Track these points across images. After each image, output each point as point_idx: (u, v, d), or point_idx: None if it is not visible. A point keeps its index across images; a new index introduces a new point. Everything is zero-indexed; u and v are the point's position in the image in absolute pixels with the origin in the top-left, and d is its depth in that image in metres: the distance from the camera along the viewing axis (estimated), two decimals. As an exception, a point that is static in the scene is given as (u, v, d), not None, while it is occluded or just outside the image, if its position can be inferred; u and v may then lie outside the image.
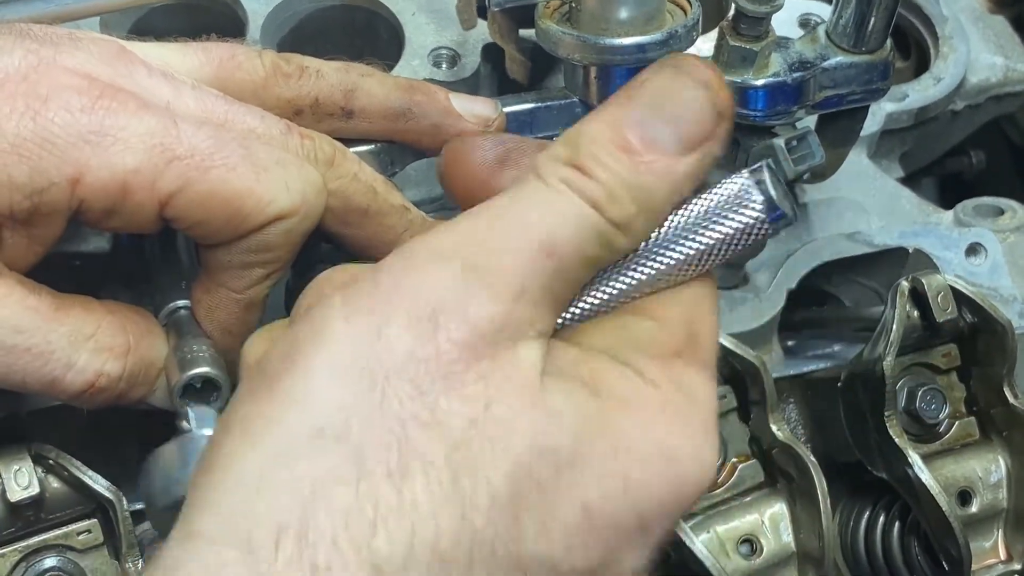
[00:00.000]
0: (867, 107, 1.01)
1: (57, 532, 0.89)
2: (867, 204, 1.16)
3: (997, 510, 1.01)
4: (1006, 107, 1.33)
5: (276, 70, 0.83)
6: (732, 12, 0.93)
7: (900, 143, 1.25)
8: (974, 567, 0.98)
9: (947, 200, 1.22)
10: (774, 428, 0.96)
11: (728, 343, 0.96)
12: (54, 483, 0.87)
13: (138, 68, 0.76)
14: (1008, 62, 1.29)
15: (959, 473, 1.01)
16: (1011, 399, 0.99)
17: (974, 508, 1.00)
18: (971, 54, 1.27)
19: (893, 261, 1.10)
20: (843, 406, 1.03)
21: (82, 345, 0.75)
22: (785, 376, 1.07)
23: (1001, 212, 1.15)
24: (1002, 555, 1.01)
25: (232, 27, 1.11)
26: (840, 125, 1.02)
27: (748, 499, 0.99)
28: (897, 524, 1.05)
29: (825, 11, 1.17)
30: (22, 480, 0.84)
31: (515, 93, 0.94)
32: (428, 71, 1.07)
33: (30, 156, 0.69)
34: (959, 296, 0.99)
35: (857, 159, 1.18)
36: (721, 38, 0.94)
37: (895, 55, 0.99)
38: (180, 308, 0.82)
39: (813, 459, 0.95)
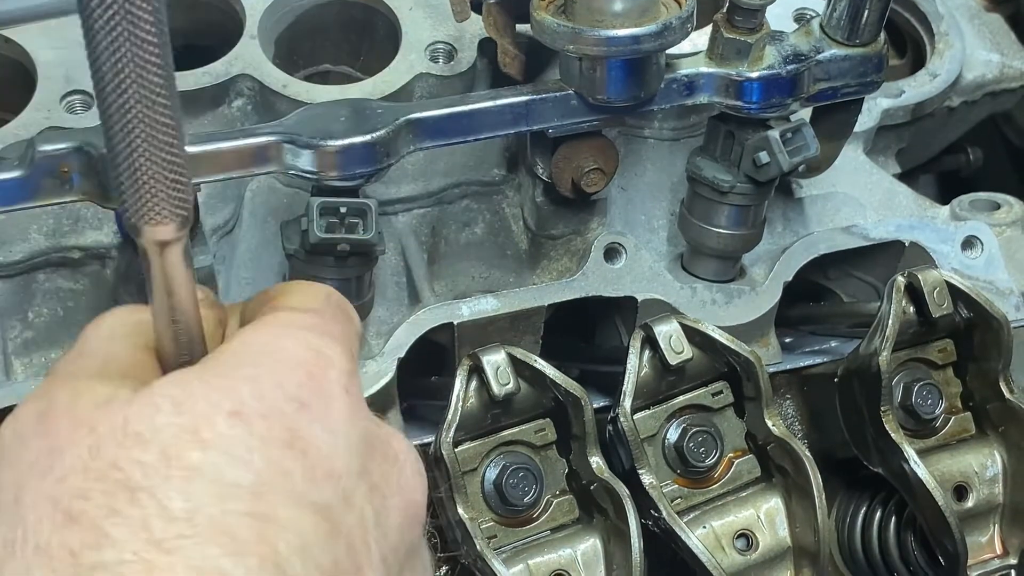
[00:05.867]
0: (861, 100, 1.01)
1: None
2: (864, 199, 1.16)
3: (993, 505, 1.01)
4: (1002, 104, 1.33)
5: None
6: (727, 5, 0.93)
7: (896, 139, 1.25)
8: (970, 562, 0.98)
9: (945, 197, 1.21)
10: (770, 423, 0.96)
11: (723, 339, 0.96)
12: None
13: None
14: (1004, 59, 1.29)
15: (955, 468, 1.01)
16: (1007, 394, 0.99)
17: (970, 503, 1.00)
18: (967, 51, 1.27)
19: (889, 255, 1.10)
20: (839, 401, 1.03)
21: None
22: (781, 371, 1.07)
23: (997, 207, 1.15)
24: (998, 549, 1.01)
25: (230, 23, 1.11)
26: (834, 117, 1.02)
27: (744, 494, 0.99)
28: (893, 519, 1.05)
29: (819, 5, 1.16)
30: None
31: (511, 85, 0.94)
32: (425, 66, 1.07)
33: None
34: (955, 291, 0.99)
35: (854, 155, 1.18)
36: (716, 31, 0.94)
37: (889, 49, 0.99)
38: None
39: (809, 454, 0.95)
